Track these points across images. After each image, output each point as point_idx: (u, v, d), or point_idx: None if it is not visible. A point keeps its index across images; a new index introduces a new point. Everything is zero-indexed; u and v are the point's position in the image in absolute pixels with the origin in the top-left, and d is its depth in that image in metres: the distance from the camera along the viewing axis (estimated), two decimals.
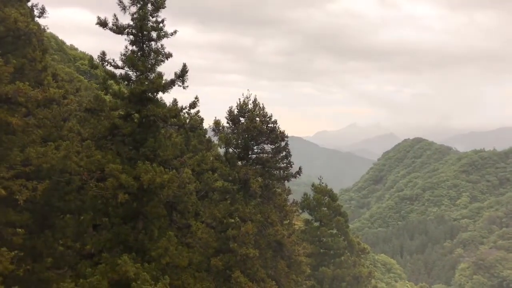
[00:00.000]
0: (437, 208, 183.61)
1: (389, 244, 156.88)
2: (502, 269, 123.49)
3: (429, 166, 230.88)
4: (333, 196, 35.86)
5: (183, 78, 17.45)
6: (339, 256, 34.50)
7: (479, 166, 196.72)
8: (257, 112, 22.02)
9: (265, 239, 21.21)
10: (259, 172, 22.03)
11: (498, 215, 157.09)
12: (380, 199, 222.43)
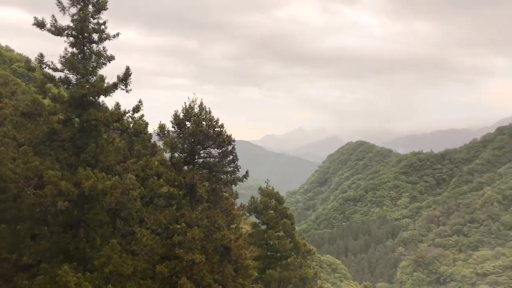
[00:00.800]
0: (379, 208, 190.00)
1: (334, 244, 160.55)
2: (439, 265, 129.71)
3: (371, 168, 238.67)
4: (280, 199, 36.22)
5: (126, 81, 17.05)
6: (285, 258, 34.84)
7: (418, 167, 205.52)
8: (204, 116, 21.85)
9: (212, 244, 21.05)
10: (205, 176, 21.87)
11: (435, 214, 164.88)
12: (325, 200, 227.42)
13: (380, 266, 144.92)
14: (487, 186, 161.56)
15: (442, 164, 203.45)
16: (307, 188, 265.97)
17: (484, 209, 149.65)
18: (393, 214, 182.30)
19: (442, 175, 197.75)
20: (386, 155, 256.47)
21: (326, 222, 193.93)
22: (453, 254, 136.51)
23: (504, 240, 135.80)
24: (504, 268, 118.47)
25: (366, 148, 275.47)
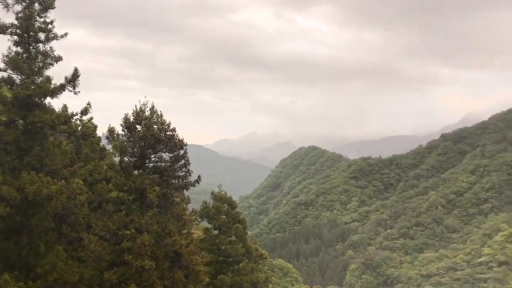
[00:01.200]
0: (330, 212, 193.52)
1: (286, 248, 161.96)
2: (387, 267, 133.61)
3: (323, 172, 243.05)
4: (232, 204, 36.14)
5: (74, 82, 16.54)
6: (237, 263, 34.78)
7: (367, 172, 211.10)
8: (155, 120, 21.50)
9: (162, 249, 20.73)
10: (156, 181, 21.51)
11: (383, 217, 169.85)
12: (277, 205, 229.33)
13: (330, 269, 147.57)
14: (432, 190, 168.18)
15: (390, 169, 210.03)
16: (260, 192, 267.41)
17: (429, 212, 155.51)
18: (343, 218, 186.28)
19: (390, 180, 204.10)
20: (337, 160, 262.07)
21: (278, 226, 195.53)
22: (400, 256, 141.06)
23: (447, 242, 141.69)
24: (447, 269, 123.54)
25: (318, 153, 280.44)
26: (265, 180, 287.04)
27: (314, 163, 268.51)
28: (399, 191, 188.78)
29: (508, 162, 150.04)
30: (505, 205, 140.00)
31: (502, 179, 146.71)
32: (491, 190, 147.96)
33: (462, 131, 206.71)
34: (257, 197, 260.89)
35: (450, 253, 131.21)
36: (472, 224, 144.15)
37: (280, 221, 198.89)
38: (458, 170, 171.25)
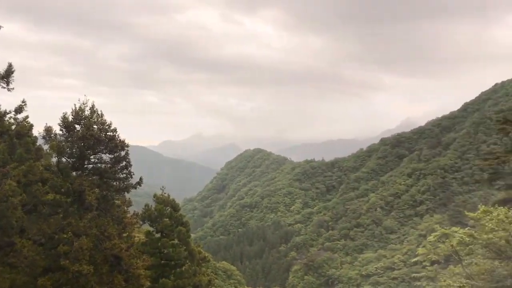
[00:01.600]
0: (274, 214, 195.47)
1: (230, 251, 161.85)
2: (328, 268, 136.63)
3: (268, 175, 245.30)
4: (176, 206, 35.63)
5: (8, 79, 15.74)
6: (180, 266, 34.35)
7: (310, 175, 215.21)
8: (95, 119, 20.84)
9: (101, 253, 20.10)
10: (96, 183, 20.86)
11: (325, 219, 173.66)
12: (222, 207, 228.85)
13: (273, 271, 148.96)
14: (372, 192, 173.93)
15: (332, 172, 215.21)
16: (205, 195, 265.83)
17: (368, 214, 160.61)
18: (287, 220, 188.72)
19: (332, 182, 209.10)
20: (281, 163, 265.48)
21: (223, 229, 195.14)
22: (341, 257, 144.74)
23: (385, 243, 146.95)
24: (385, 269, 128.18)
25: (263, 155, 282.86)
26: (210, 183, 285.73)
27: (259, 166, 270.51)
28: (340, 193, 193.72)
29: (442, 166, 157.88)
30: (439, 207, 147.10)
31: (436, 182, 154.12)
32: (427, 193, 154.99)
33: (400, 135, 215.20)
34: (202, 200, 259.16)
35: (388, 253, 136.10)
36: (408, 225, 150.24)
37: (225, 223, 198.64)
38: (396, 173, 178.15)
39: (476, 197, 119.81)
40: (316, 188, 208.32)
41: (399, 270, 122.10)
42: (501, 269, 16.23)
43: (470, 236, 16.39)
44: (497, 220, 15.99)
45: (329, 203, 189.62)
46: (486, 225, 16.03)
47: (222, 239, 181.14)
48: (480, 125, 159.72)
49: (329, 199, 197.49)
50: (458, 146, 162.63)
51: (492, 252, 16.60)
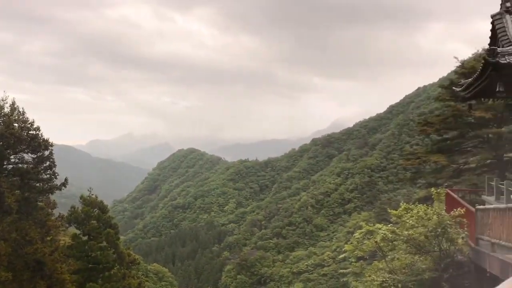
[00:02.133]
0: (207, 214, 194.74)
1: (162, 252, 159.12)
2: (261, 267, 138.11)
3: (201, 175, 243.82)
4: (104, 208, 34.45)
5: None
6: (108, 270, 33.23)
7: (244, 174, 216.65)
8: (16, 117, 19.73)
9: (22, 259, 19.03)
10: (16, 184, 19.73)
11: (258, 218, 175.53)
12: (154, 208, 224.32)
13: (206, 271, 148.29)
14: (303, 191, 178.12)
15: (266, 171, 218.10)
16: (136, 196, 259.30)
17: (300, 212, 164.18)
18: (220, 220, 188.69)
19: (265, 182, 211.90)
20: (215, 163, 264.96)
21: (154, 230, 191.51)
22: (273, 255, 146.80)
23: (315, 240, 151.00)
24: (315, 266, 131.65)
25: (196, 155, 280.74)
26: (141, 183, 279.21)
27: (193, 166, 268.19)
28: (273, 192, 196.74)
29: (368, 165, 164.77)
30: (366, 205, 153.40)
31: (363, 181, 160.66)
32: (355, 191, 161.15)
33: (330, 136, 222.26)
34: (132, 201, 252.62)
35: (318, 251, 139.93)
36: (337, 223, 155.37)
37: (157, 225, 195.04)
38: (326, 172, 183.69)
39: (400, 195, 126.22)
40: (250, 187, 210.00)
41: (329, 267, 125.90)
42: (420, 263, 17.19)
43: (392, 232, 17.23)
44: (417, 217, 16.92)
45: (262, 203, 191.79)
46: (407, 222, 16.92)
47: (154, 240, 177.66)
48: (404, 127, 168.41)
49: (262, 198, 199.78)
50: (383, 147, 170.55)
51: (412, 247, 17.54)
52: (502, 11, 20.68)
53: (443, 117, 36.42)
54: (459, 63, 36.76)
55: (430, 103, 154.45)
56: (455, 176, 34.34)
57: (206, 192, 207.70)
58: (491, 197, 21.97)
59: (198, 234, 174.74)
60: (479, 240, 16.57)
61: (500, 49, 17.46)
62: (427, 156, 36.12)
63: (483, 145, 34.23)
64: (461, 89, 22.18)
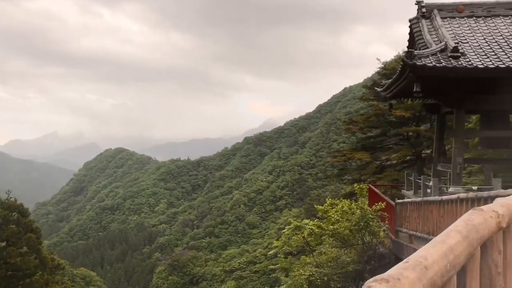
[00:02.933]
0: (137, 216, 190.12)
1: (89, 256, 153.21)
2: (193, 267, 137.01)
3: (131, 175, 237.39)
4: (24, 212, 32.66)
5: None
6: (29, 277, 31.53)
7: (176, 174, 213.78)
8: None
9: None
10: None
11: (190, 218, 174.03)
12: (80, 211, 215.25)
13: (137, 274, 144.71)
14: (236, 190, 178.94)
15: (198, 170, 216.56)
16: (60, 198, 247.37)
17: (232, 211, 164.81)
18: (151, 221, 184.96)
19: (198, 181, 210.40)
20: (146, 163, 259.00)
21: (81, 233, 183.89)
22: (206, 255, 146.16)
23: (248, 238, 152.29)
24: (247, 263, 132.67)
25: (125, 155, 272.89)
26: (66, 185, 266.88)
27: (121, 166, 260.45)
28: (205, 191, 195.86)
29: (299, 163, 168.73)
30: (296, 201, 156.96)
31: (294, 178, 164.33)
32: (286, 188, 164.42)
33: (262, 135, 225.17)
34: (57, 203, 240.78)
35: (251, 248, 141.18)
36: (269, 220, 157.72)
37: (84, 227, 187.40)
38: (258, 170, 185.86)
39: (328, 191, 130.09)
40: (182, 187, 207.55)
41: (261, 264, 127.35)
42: (345, 256, 17.84)
43: (319, 227, 17.76)
44: (341, 212, 17.54)
45: (194, 202, 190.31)
46: (332, 217, 17.50)
47: (81, 244, 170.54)
48: (332, 126, 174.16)
49: (194, 198, 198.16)
50: (313, 145, 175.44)
51: (338, 241, 18.15)
52: (419, 16, 21.98)
53: (367, 116, 38.12)
54: (382, 65, 38.67)
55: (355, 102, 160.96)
56: (378, 172, 36.03)
57: (136, 193, 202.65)
58: (409, 191, 23.30)
59: (128, 236, 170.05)
60: (398, 232, 17.51)
61: (417, 52, 18.55)
62: (352, 153, 37.64)
63: (403, 143, 36.21)
64: (382, 89, 23.32)
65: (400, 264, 1.34)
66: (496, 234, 2.13)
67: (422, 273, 1.24)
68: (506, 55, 18.41)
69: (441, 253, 1.42)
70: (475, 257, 1.87)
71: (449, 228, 1.74)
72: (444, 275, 1.37)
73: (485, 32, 20.50)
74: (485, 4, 22.18)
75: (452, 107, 20.58)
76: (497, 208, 2.32)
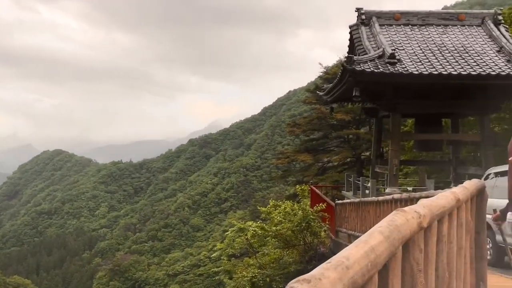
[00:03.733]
0: (77, 220, 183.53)
1: (24, 263, 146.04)
2: (135, 271, 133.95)
3: (70, 178, 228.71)
4: None
5: None
6: None
7: (117, 177, 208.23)
8: None
9: None
10: None
11: (132, 222, 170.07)
12: (14, 216, 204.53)
13: (75, 280, 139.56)
14: (180, 192, 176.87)
15: (141, 173, 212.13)
16: None
17: (176, 214, 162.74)
18: (91, 225, 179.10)
19: (140, 184, 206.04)
20: (86, 165, 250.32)
21: (15, 239, 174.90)
22: (148, 259, 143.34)
23: (192, 241, 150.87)
24: (191, 266, 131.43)
25: (64, 157, 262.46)
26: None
27: (60, 168, 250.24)
28: (148, 194, 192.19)
29: (244, 165, 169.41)
30: (241, 203, 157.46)
31: (239, 180, 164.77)
32: (231, 190, 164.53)
33: (207, 136, 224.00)
34: None
35: (195, 251, 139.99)
36: (214, 222, 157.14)
37: (18, 233, 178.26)
38: (203, 172, 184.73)
39: (273, 193, 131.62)
40: (124, 190, 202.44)
41: (205, 266, 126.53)
42: (287, 256, 18.10)
43: (262, 229, 17.90)
44: (284, 213, 17.77)
45: (136, 205, 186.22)
46: (275, 218, 17.69)
47: (14, 250, 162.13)
48: (277, 128, 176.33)
49: (137, 201, 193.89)
50: (258, 147, 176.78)
51: (280, 242, 18.37)
52: (359, 22, 22.73)
53: (310, 119, 38.96)
54: (324, 69, 39.66)
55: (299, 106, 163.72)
56: (320, 174, 36.89)
57: (75, 196, 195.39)
58: (349, 192, 24.01)
59: (66, 241, 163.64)
60: (338, 232, 17.99)
61: (356, 57, 19.18)
62: (296, 155, 38.31)
63: (344, 145, 37.31)
64: (324, 93, 23.91)
65: (323, 265, 1.35)
66: (417, 234, 2.30)
67: (343, 272, 1.27)
68: (438, 62, 19.44)
69: (363, 253, 1.44)
70: (397, 256, 1.92)
71: (372, 229, 1.79)
72: (365, 274, 1.40)
73: (420, 40, 21.54)
74: (419, 13, 23.33)
75: (388, 111, 21.43)
76: (419, 209, 2.40)
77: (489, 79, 18.42)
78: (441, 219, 3.03)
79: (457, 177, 22.08)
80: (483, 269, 4.95)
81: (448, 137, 24.38)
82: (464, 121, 27.93)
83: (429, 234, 2.68)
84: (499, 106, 21.56)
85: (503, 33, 21.50)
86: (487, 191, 6.54)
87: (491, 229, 9.90)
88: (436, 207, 2.82)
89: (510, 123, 25.73)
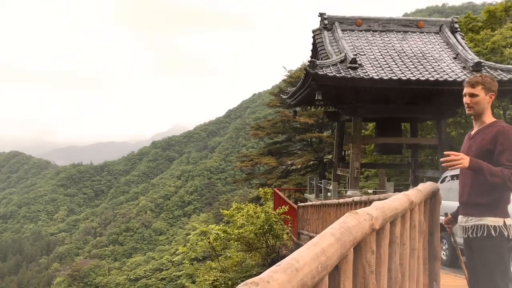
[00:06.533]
0: (34, 224, 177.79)
1: None
2: (95, 276, 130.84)
3: (27, 181, 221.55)
4: None
5: None
6: None
7: (77, 179, 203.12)
8: None
9: None
10: None
11: (93, 225, 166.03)
12: None
13: (32, 286, 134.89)
14: (142, 195, 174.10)
15: (101, 175, 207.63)
16: None
17: (138, 217, 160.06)
18: (49, 229, 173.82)
19: (101, 187, 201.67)
20: (44, 167, 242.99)
21: None
22: (109, 263, 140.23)
23: (154, 245, 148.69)
24: (154, 270, 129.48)
25: (21, 159, 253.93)
26: None
27: (16, 171, 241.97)
28: (109, 197, 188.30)
29: (208, 167, 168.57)
30: (205, 206, 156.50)
31: (203, 183, 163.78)
32: (194, 193, 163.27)
33: (170, 139, 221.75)
34: None
35: (157, 255, 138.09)
36: (177, 226, 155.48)
37: None
38: (166, 175, 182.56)
39: (237, 196, 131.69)
40: (84, 193, 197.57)
41: (167, 270, 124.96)
42: (249, 259, 18.07)
43: (224, 232, 17.81)
44: (247, 216, 17.75)
45: (97, 209, 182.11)
46: (238, 221, 17.65)
47: None
48: (241, 131, 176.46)
49: (97, 204, 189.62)
50: (222, 149, 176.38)
51: (243, 245, 18.33)
52: (321, 27, 23.03)
53: (273, 122, 39.17)
54: (287, 73, 40.00)
55: (264, 108, 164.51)
56: (283, 176, 37.11)
57: (33, 200, 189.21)
58: (312, 194, 24.26)
59: (22, 246, 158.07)
60: (300, 234, 18.11)
61: (319, 62, 19.42)
62: (259, 158, 38.39)
63: (307, 148, 37.69)
64: (287, 97, 24.08)
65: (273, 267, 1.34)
66: (369, 236, 2.31)
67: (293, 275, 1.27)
68: (398, 68, 19.94)
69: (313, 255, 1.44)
70: (348, 258, 1.91)
71: (324, 231, 1.78)
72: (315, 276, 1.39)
73: (381, 46, 22.04)
74: (381, 19, 23.87)
75: (350, 115, 21.81)
76: (371, 211, 2.41)
77: (446, 85, 19.04)
78: (394, 221, 3.08)
79: (416, 179, 22.71)
80: (437, 269, 5.07)
81: (407, 141, 25.07)
82: (423, 126, 28.81)
83: (381, 236, 2.71)
84: (455, 111, 22.33)
85: (459, 41, 22.29)
86: (444, 193, 6.75)
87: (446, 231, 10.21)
88: (389, 209, 2.86)
89: (466, 128, 26.69)
